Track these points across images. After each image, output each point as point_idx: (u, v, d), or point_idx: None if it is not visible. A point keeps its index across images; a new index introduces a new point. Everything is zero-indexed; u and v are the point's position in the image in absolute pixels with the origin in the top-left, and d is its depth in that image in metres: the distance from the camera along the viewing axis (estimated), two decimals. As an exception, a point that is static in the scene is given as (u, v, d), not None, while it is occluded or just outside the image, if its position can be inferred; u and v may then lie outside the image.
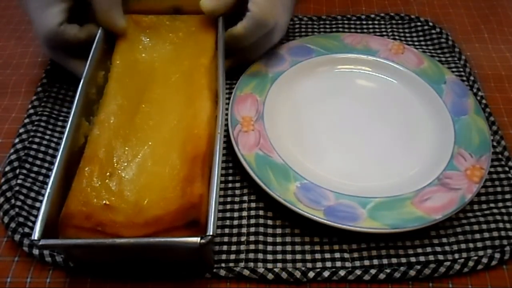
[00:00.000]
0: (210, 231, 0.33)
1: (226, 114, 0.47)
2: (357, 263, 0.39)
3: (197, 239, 0.32)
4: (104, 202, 0.36)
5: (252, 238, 0.40)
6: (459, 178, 0.42)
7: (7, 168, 0.44)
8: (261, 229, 0.41)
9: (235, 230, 0.41)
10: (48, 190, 0.35)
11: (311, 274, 0.38)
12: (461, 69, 0.54)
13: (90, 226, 0.34)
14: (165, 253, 0.36)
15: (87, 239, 0.34)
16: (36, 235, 0.33)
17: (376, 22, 0.60)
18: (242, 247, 0.40)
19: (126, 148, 0.39)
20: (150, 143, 0.40)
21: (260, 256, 0.39)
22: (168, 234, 0.34)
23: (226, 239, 0.40)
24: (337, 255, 0.40)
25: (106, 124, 0.40)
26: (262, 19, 0.45)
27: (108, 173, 0.37)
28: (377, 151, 0.46)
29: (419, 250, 0.40)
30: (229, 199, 0.43)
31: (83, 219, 0.34)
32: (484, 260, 0.39)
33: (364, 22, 0.60)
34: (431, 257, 0.39)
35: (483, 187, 0.43)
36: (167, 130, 0.40)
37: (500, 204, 0.43)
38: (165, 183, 0.37)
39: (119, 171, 0.38)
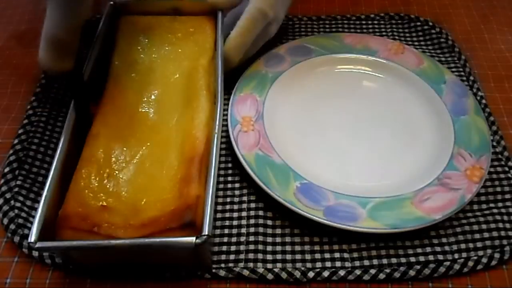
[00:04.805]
0: (206, 231, 0.33)
1: (225, 115, 0.47)
2: (357, 263, 0.39)
3: (192, 239, 0.32)
4: (101, 203, 0.36)
5: (251, 238, 0.40)
6: (459, 178, 0.42)
7: (6, 169, 0.44)
8: (261, 229, 0.41)
9: (234, 230, 0.41)
10: (44, 192, 0.35)
11: (311, 274, 0.38)
12: (461, 69, 0.54)
13: (87, 227, 0.34)
14: (161, 254, 0.36)
15: (83, 241, 0.33)
16: (32, 237, 0.33)
17: (376, 22, 0.60)
18: (242, 247, 0.40)
19: (124, 149, 0.39)
20: (148, 144, 0.40)
21: (260, 256, 0.39)
22: (164, 235, 0.34)
23: (225, 239, 0.40)
24: (336, 255, 0.40)
25: (104, 125, 0.40)
26: (263, 9, 0.47)
27: (105, 174, 0.37)
28: (377, 151, 0.46)
29: (419, 250, 0.40)
30: (229, 199, 0.43)
31: (79, 220, 0.34)
32: (484, 260, 0.39)
33: (364, 22, 0.60)
34: (431, 257, 0.39)
35: (483, 187, 0.43)
36: (165, 131, 0.40)
37: (500, 204, 0.43)
38: (162, 184, 0.37)
39: (117, 172, 0.38)
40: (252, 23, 0.47)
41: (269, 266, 0.39)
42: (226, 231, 0.41)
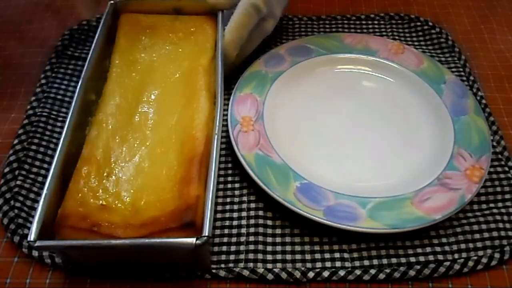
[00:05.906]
0: (206, 232, 0.33)
1: (225, 115, 0.47)
2: (357, 263, 0.39)
3: (192, 240, 0.32)
4: (100, 202, 0.36)
5: (251, 238, 0.40)
6: (459, 178, 0.42)
7: (6, 169, 0.44)
8: (261, 229, 0.41)
9: (234, 231, 0.41)
10: (44, 191, 0.35)
11: (310, 274, 0.38)
12: (461, 69, 0.54)
13: (86, 226, 0.34)
14: (160, 254, 0.36)
15: (83, 240, 0.33)
16: (32, 236, 0.33)
17: (376, 22, 0.60)
18: (242, 247, 0.40)
19: (124, 149, 0.39)
20: (147, 143, 0.40)
21: (260, 256, 0.39)
22: (163, 235, 0.34)
23: (225, 239, 0.40)
24: (336, 255, 0.39)
25: (104, 124, 0.40)
26: (256, 3, 0.47)
27: (105, 174, 0.37)
28: (377, 151, 0.46)
29: (419, 250, 0.40)
30: (229, 199, 0.43)
31: (79, 219, 0.34)
32: (484, 260, 0.39)
33: (364, 22, 0.60)
34: (431, 257, 0.39)
35: (483, 187, 0.43)
36: (165, 131, 0.40)
37: (500, 204, 0.43)
38: (162, 184, 0.37)
39: (116, 172, 0.38)
40: (246, 17, 0.48)
41: (269, 266, 0.39)
42: (226, 231, 0.41)
